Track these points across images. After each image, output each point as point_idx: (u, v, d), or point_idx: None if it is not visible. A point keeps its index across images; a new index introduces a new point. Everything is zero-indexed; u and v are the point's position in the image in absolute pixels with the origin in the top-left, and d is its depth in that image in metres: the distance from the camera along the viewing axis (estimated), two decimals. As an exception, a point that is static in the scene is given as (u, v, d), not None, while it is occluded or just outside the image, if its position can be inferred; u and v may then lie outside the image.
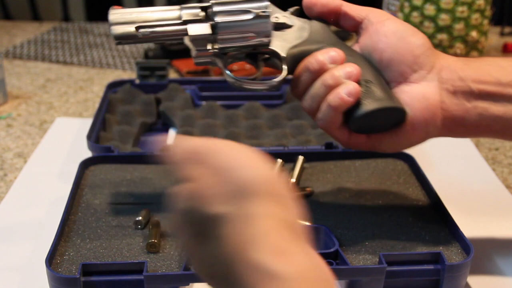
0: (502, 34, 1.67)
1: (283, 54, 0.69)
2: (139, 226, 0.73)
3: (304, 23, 0.71)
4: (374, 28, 0.68)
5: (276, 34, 0.69)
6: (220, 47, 0.68)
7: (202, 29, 0.68)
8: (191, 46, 0.69)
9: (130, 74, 1.39)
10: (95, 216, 0.75)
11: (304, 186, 0.81)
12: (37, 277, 0.70)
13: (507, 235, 0.80)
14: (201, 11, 0.69)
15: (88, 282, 0.63)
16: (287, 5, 0.73)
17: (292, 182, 0.82)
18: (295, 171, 0.84)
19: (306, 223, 0.72)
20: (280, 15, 0.70)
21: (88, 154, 0.91)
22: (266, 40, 0.68)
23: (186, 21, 0.69)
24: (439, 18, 1.22)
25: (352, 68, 0.65)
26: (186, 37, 0.69)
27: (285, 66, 0.68)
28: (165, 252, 0.69)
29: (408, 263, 0.65)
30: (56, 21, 1.89)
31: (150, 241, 0.69)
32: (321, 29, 0.70)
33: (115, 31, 0.70)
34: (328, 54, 0.66)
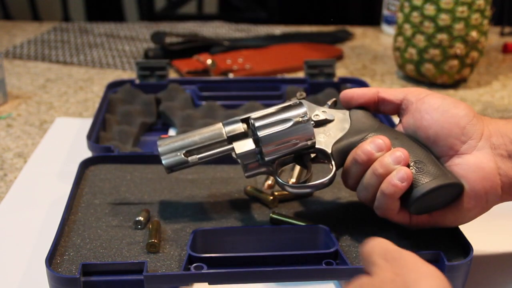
0: (502, 34, 1.67)
1: (329, 151, 0.70)
2: (139, 226, 0.73)
3: (344, 114, 0.72)
4: (415, 106, 0.69)
5: (319, 131, 0.71)
6: (267, 158, 0.70)
7: (247, 146, 0.71)
8: (240, 161, 0.71)
9: (130, 74, 1.39)
10: (95, 216, 0.75)
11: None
12: (37, 277, 0.70)
13: (507, 235, 0.80)
14: (242, 123, 0.72)
15: (88, 282, 0.63)
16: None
17: (292, 182, 0.82)
18: (295, 171, 0.84)
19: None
20: (319, 112, 0.72)
21: (88, 154, 0.91)
22: (310, 142, 0.70)
23: (230, 137, 0.72)
24: (439, 18, 1.22)
25: (400, 152, 0.65)
26: (233, 153, 0.72)
27: (333, 162, 0.70)
28: (165, 252, 0.69)
29: (408, 263, 0.65)
30: (56, 21, 1.89)
31: (150, 241, 0.69)
32: (361, 117, 0.72)
33: (166, 162, 0.72)
34: (374, 143, 0.67)
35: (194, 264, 0.65)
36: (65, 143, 1.04)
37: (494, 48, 1.58)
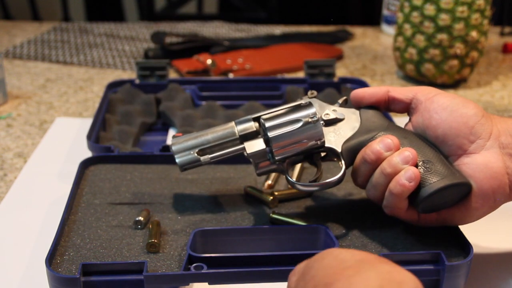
0: (502, 34, 1.67)
1: (339, 150, 0.71)
2: (139, 226, 0.73)
3: (354, 113, 0.73)
4: (424, 106, 0.69)
5: (329, 129, 0.71)
6: (277, 158, 0.71)
7: (257, 145, 0.72)
8: (251, 160, 0.72)
9: (130, 74, 1.39)
10: (95, 216, 0.75)
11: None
12: (37, 277, 0.70)
13: (507, 235, 0.80)
14: (253, 122, 0.73)
15: (88, 282, 0.63)
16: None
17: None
18: (295, 171, 0.84)
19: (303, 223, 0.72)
20: (330, 110, 0.72)
21: (88, 154, 0.91)
22: (319, 142, 0.71)
23: (242, 136, 0.73)
24: (439, 18, 1.22)
25: (408, 152, 0.66)
26: (244, 152, 0.73)
27: (342, 161, 0.70)
28: (165, 252, 0.69)
29: (408, 263, 0.65)
30: (56, 21, 1.89)
31: (150, 241, 0.69)
32: (371, 116, 0.72)
33: (180, 160, 0.73)
34: (383, 143, 0.67)
35: (194, 264, 0.65)
36: (65, 143, 1.04)
37: (494, 48, 1.58)
